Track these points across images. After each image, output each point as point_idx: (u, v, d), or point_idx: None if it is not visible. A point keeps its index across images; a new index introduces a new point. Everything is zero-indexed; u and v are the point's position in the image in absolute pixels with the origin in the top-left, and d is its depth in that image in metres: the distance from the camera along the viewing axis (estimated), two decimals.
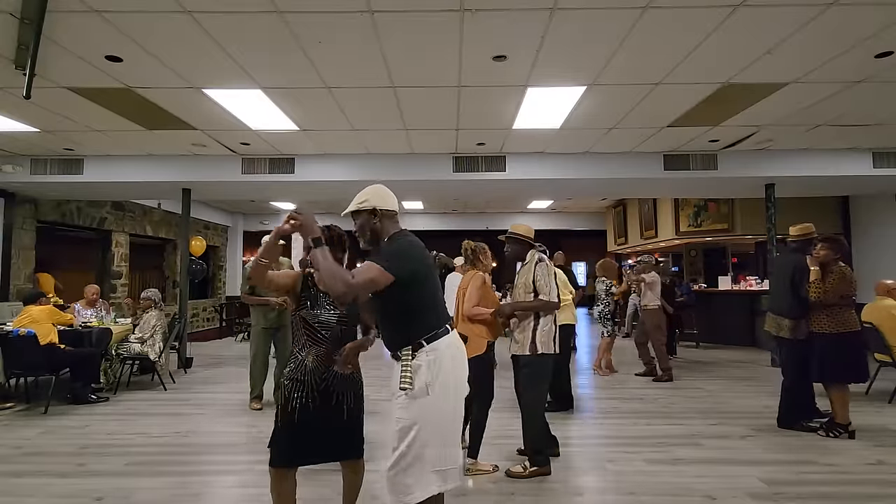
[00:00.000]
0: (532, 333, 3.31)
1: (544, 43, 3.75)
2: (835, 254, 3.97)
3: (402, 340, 2.02)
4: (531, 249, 3.51)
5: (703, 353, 8.42)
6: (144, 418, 4.69)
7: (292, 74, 4.27)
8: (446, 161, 6.88)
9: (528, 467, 3.28)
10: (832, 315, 3.92)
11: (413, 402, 1.94)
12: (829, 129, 5.82)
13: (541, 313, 3.33)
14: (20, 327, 4.87)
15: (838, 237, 4.12)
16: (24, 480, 3.27)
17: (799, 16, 3.39)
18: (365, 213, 2.13)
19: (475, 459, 3.38)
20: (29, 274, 7.53)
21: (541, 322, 3.32)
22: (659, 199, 10.70)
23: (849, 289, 3.90)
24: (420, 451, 1.91)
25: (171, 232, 10.62)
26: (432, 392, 1.95)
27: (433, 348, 1.99)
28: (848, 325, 3.91)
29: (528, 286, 3.37)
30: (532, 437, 3.33)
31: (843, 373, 3.94)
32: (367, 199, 2.14)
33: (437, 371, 1.97)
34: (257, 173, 6.91)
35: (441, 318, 2.08)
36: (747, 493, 2.99)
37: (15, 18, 3.27)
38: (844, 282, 3.89)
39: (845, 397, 3.95)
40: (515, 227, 3.57)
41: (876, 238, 8.49)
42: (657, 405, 5.02)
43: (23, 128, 5.54)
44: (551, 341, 3.32)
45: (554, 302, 3.33)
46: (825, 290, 3.90)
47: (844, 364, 3.90)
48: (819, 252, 4.02)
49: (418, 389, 1.94)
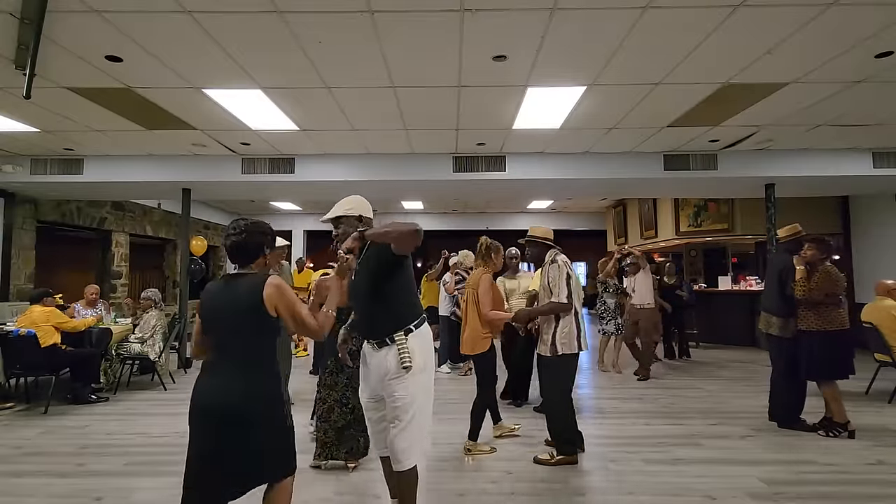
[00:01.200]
0: (553, 335, 3.40)
1: (544, 43, 3.75)
2: (821, 254, 4.06)
3: (394, 325, 2.25)
4: (550, 250, 3.58)
5: (703, 353, 8.42)
6: (144, 418, 4.69)
7: (292, 74, 4.27)
8: (446, 161, 6.88)
9: (555, 455, 3.43)
10: (820, 313, 3.99)
11: (412, 379, 2.21)
12: (829, 129, 5.82)
13: (560, 315, 3.39)
14: (20, 327, 4.87)
15: (824, 238, 4.18)
16: (24, 480, 3.27)
17: (799, 16, 3.39)
18: (352, 218, 2.34)
19: (475, 442, 3.62)
20: (29, 274, 7.53)
21: (561, 323, 3.39)
22: (659, 199, 10.69)
23: (834, 287, 3.96)
24: (421, 421, 2.24)
25: (171, 232, 10.62)
26: (426, 370, 2.28)
27: (420, 332, 2.30)
28: (835, 322, 3.96)
29: (546, 288, 3.46)
30: (558, 429, 3.47)
31: (832, 369, 4.00)
32: (352, 207, 2.36)
33: (427, 352, 2.31)
34: (257, 173, 6.91)
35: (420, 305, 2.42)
36: (747, 493, 2.99)
37: (15, 18, 3.27)
38: (829, 280, 3.96)
39: (835, 394, 3.99)
40: (534, 229, 3.67)
41: (876, 238, 8.49)
42: (657, 405, 5.02)
43: (23, 128, 5.54)
44: (574, 341, 3.39)
45: (563, 303, 3.37)
46: (809, 289, 4.00)
47: (831, 361, 3.97)
48: (806, 252, 4.12)
49: (416, 367, 2.21)
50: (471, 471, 3.38)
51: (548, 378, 3.50)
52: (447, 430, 4.25)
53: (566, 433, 3.47)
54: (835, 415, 4.00)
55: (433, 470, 3.38)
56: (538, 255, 3.62)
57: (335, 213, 2.37)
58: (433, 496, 2.99)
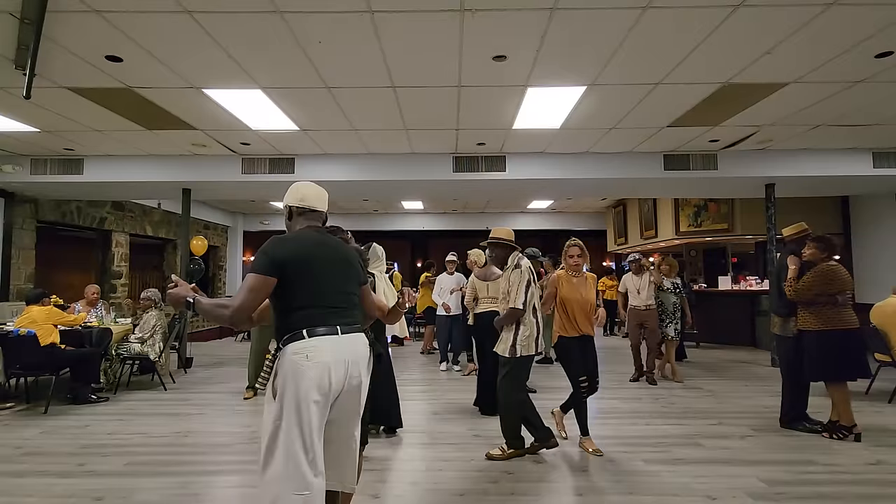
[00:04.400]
0: (514, 336, 3.50)
1: (544, 43, 3.75)
2: (821, 252, 3.98)
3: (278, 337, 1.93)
4: (513, 253, 3.64)
5: (703, 353, 8.42)
6: (144, 418, 4.69)
7: (292, 74, 4.27)
8: (446, 161, 6.88)
9: (507, 450, 3.56)
10: (817, 313, 3.92)
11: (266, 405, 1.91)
12: (829, 129, 5.82)
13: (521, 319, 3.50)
14: (20, 327, 4.87)
15: (829, 237, 4.09)
16: (24, 480, 3.27)
17: (799, 16, 3.40)
18: None
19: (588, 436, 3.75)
20: (29, 274, 7.53)
21: (522, 327, 3.50)
22: (659, 199, 10.69)
23: (827, 287, 3.86)
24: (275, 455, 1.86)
25: (171, 232, 10.61)
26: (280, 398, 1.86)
27: (285, 351, 1.88)
28: (833, 322, 3.87)
29: (506, 293, 3.55)
30: (508, 425, 3.58)
31: (832, 370, 3.90)
32: None
33: (286, 378, 1.83)
34: (257, 173, 6.91)
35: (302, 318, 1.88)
36: (747, 493, 2.99)
37: (15, 18, 3.28)
38: (819, 279, 3.87)
39: (843, 395, 3.92)
40: (497, 231, 3.72)
41: (876, 238, 8.49)
42: (657, 405, 5.02)
43: (23, 128, 5.54)
44: (532, 343, 3.50)
45: (518, 309, 3.46)
46: (797, 289, 3.95)
47: (830, 361, 3.87)
48: (806, 251, 4.06)
49: (268, 394, 1.91)
50: (471, 471, 3.38)
51: (504, 377, 3.56)
52: (448, 429, 4.25)
53: (512, 430, 3.57)
54: (841, 417, 3.93)
55: (433, 470, 3.38)
56: (502, 257, 3.68)
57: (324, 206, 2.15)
58: (433, 496, 2.99)
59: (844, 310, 3.90)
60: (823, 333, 3.88)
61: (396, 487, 3.14)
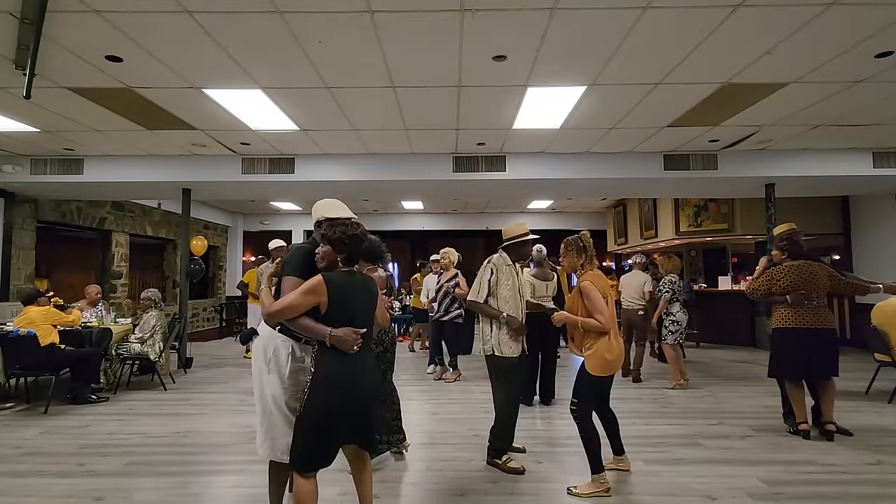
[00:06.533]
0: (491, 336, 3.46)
1: (544, 43, 3.75)
2: (782, 253, 4.10)
3: None
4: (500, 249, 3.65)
5: (703, 353, 8.42)
6: (144, 418, 4.69)
7: (292, 74, 4.27)
8: (446, 161, 6.88)
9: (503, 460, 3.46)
10: (775, 311, 4.07)
11: None
12: (829, 129, 5.82)
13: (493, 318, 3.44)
14: (20, 328, 4.87)
15: (795, 238, 4.09)
16: (24, 480, 3.27)
17: (799, 16, 3.40)
18: None
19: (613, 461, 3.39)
20: (29, 274, 7.53)
21: (494, 325, 3.43)
22: (659, 199, 10.69)
23: (774, 286, 3.98)
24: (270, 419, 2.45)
25: (171, 232, 10.62)
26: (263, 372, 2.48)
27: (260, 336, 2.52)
28: (786, 320, 3.95)
29: None
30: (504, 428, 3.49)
31: (775, 367, 4.06)
32: None
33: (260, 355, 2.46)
34: (257, 173, 6.91)
35: None
36: (747, 493, 2.99)
37: (15, 18, 3.28)
38: (766, 279, 4.04)
39: (792, 392, 4.01)
40: (507, 230, 3.69)
41: (876, 238, 8.49)
42: (657, 405, 5.02)
43: (23, 128, 5.54)
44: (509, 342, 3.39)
45: (475, 302, 3.45)
46: (749, 289, 4.16)
47: (775, 357, 4.03)
48: (773, 252, 4.19)
49: None
50: (471, 471, 3.38)
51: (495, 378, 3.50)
52: (447, 430, 4.26)
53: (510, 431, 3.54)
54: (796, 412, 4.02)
55: (433, 470, 3.38)
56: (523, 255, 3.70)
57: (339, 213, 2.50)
58: (433, 496, 2.99)
59: (801, 309, 3.92)
60: (776, 331, 4.04)
61: (396, 487, 3.14)
